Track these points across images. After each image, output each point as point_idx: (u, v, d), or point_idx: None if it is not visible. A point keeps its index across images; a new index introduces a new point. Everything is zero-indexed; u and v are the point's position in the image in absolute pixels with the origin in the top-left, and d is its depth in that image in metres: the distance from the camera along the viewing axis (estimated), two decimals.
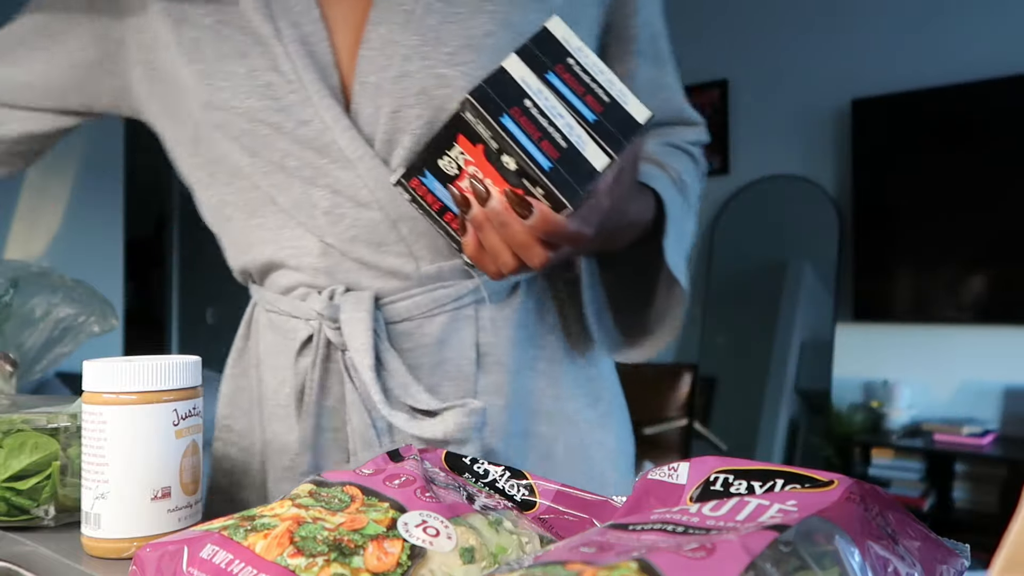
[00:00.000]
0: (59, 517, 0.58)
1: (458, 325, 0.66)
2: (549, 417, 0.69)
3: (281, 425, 0.69)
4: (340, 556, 0.34)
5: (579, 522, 0.44)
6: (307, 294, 0.67)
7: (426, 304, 0.65)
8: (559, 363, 0.70)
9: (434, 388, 0.65)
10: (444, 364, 0.65)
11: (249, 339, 0.75)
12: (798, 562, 0.26)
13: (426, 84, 0.60)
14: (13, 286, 0.76)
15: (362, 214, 0.63)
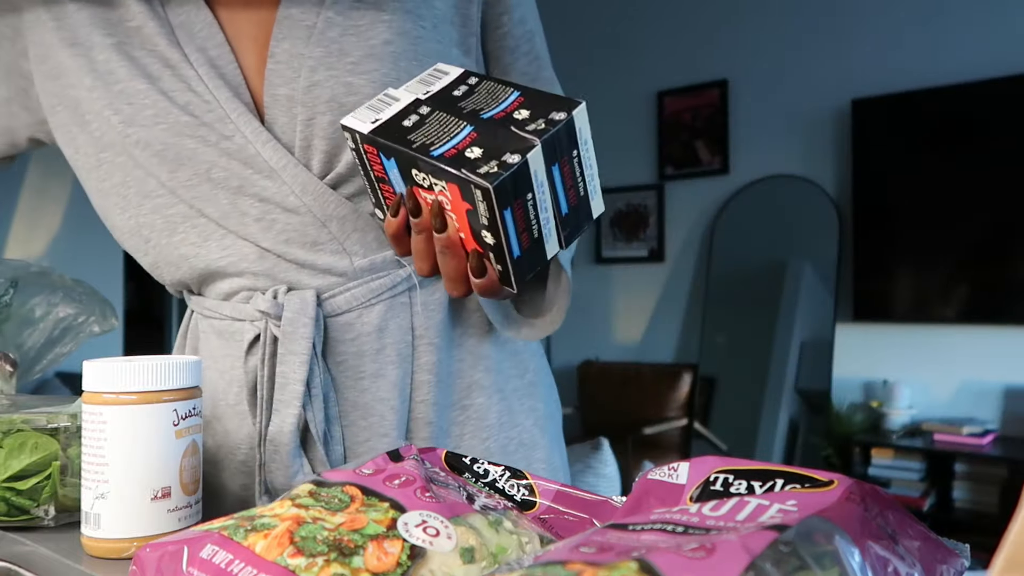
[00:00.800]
0: (59, 517, 0.58)
1: (395, 312, 0.70)
2: (481, 388, 0.74)
3: (232, 423, 0.71)
4: (340, 556, 0.34)
5: (579, 522, 0.44)
6: (250, 296, 0.69)
7: (363, 295, 0.69)
8: (484, 338, 0.75)
9: (380, 372, 0.69)
10: (385, 349, 0.69)
11: (186, 349, 0.78)
12: (798, 562, 0.26)
13: (335, 92, 0.64)
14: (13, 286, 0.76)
15: (292, 219, 0.66)
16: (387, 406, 0.69)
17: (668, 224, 3.94)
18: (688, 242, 3.88)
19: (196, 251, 0.68)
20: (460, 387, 0.74)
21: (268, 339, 0.68)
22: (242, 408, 0.70)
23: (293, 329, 0.66)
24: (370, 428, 0.69)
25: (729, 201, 3.70)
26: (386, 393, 0.69)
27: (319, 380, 0.67)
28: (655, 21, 3.95)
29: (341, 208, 0.67)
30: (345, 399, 0.69)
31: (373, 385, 0.69)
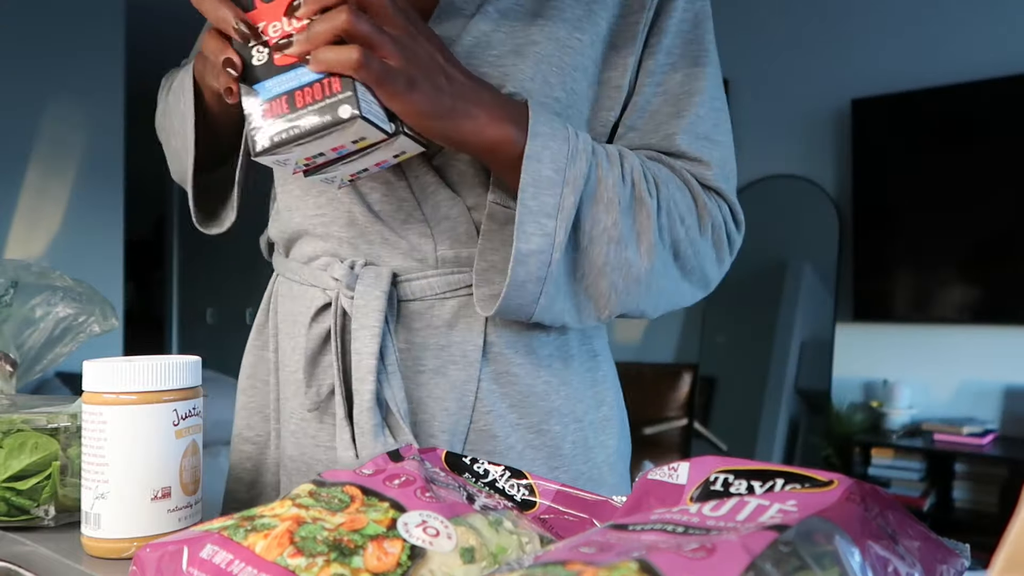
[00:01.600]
0: (59, 517, 0.58)
1: (469, 311, 0.68)
2: (559, 415, 0.71)
3: (288, 390, 0.72)
4: (340, 556, 0.34)
5: (579, 522, 0.44)
6: (329, 263, 0.69)
7: (440, 286, 0.67)
8: (568, 362, 0.72)
9: (440, 369, 0.67)
10: (450, 347, 0.68)
11: (269, 311, 0.78)
12: (798, 562, 0.26)
13: None
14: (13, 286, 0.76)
15: (391, 190, 0.67)
16: (440, 406, 0.67)
17: None
18: None
19: (296, 203, 0.70)
20: (539, 410, 0.70)
21: (338, 310, 0.67)
22: (298, 377, 0.69)
23: (365, 302, 0.65)
24: (419, 425, 0.67)
25: None
26: (442, 392, 0.67)
27: (395, 357, 0.65)
28: None
29: (439, 193, 0.67)
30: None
31: (430, 382, 0.67)
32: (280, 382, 0.73)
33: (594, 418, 0.73)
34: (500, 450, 0.68)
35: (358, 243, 0.68)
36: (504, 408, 0.68)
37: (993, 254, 3.02)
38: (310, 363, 0.68)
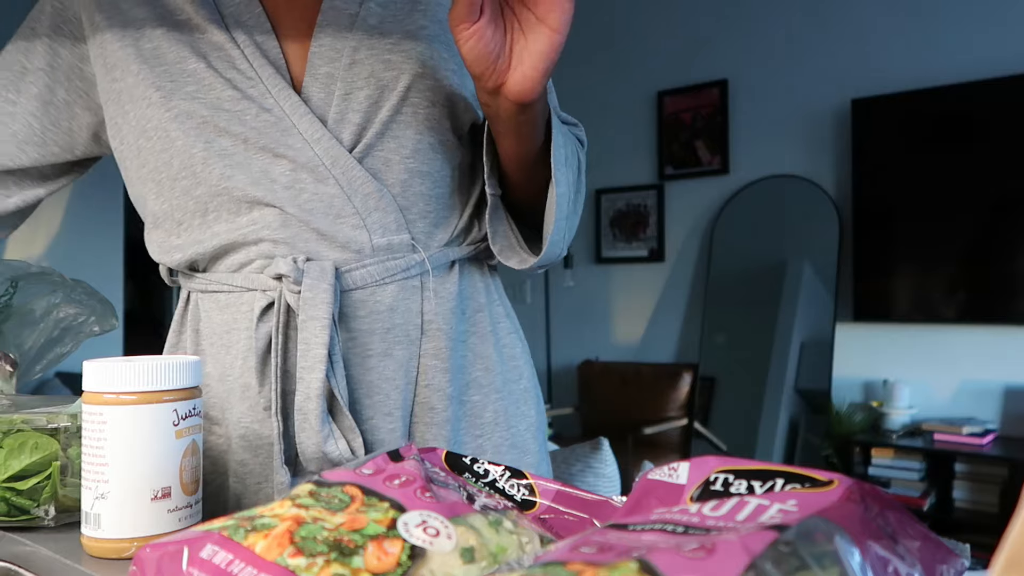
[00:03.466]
0: (59, 517, 0.58)
1: (406, 294, 0.73)
2: (479, 386, 0.77)
3: (234, 397, 0.72)
4: (340, 556, 0.34)
5: (579, 522, 0.44)
6: (265, 265, 0.71)
7: (379, 273, 0.71)
8: (486, 339, 0.79)
9: (387, 351, 0.72)
10: (394, 329, 0.72)
11: (184, 332, 0.79)
12: (798, 562, 0.26)
13: (375, 68, 0.70)
14: (13, 286, 0.76)
15: (319, 188, 0.70)
16: (392, 385, 0.71)
17: (668, 224, 3.94)
18: (688, 242, 3.88)
19: (227, 226, 0.71)
20: (461, 382, 0.76)
21: (282, 307, 0.69)
22: (246, 380, 0.71)
23: (313, 295, 0.67)
24: (374, 407, 0.71)
25: (729, 201, 3.70)
26: (392, 373, 0.71)
27: (339, 348, 0.68)
28: (655, 21, 3.95)
29: (367, 185, 0.70)
30: (351, 376, 0.70)
31: (380, 364, 0.71)
32: (220, 393, 0.73)
33: (513, 389, 0.80)
34: (438, 421, 0.73)
35: (294, 242, 0.70)
36: (443, 381, 0.74)
37: (993, 254, 3.02)
38: (261, 362, 0.70)
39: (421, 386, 0.73)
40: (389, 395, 0.71)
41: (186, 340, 0.78)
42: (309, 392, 0.66)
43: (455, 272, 0.77)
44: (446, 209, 0.76)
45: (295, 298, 0.68)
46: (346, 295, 0.71)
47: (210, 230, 0.72)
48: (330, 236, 0.70)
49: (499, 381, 0.78)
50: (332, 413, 0.68)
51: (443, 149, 0.75)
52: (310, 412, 0.66)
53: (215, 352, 0.74)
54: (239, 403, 0.71)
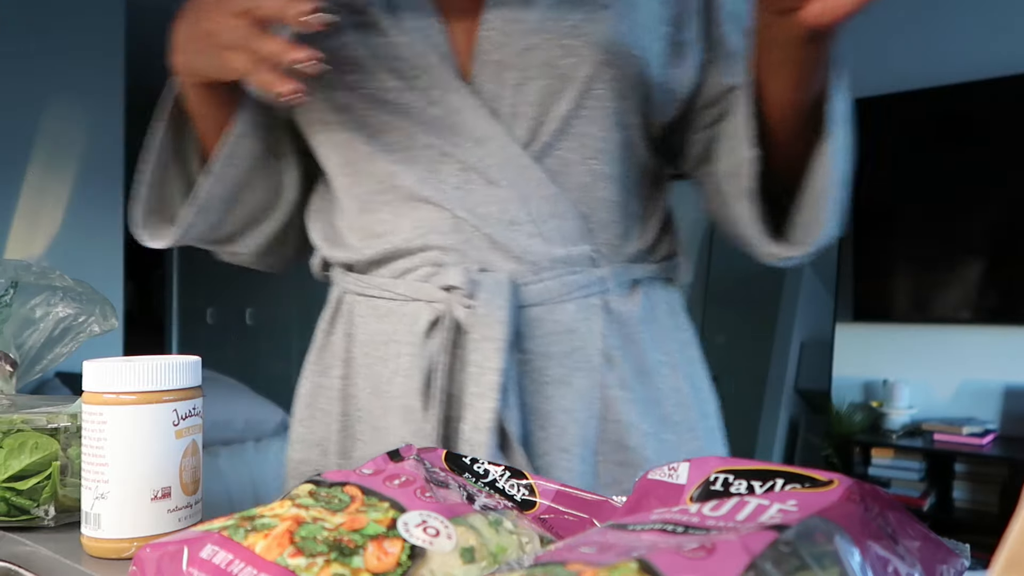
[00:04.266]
0: (59, 517, 0.58)
1: (587, 314, 0.64)
2: (674, 425, 0.67)
3: (393, 419, 0.64)
4: (340, 556, 0.34)
5: (579, 522, 0.44)
6: (432, 274, 0.64)
7: (557, 289, 0.63)
8: (676, 369, 0.69)
9: (565, 378, 0.63)
10: (574, 354, 0.63)
11: (334, 334, 0.72)
12: (798, 562, 0.26)
13: (551, 55, 0.61)
14: (13, 286, 0.76)
15: (492, 191, 0.62)
16: (570, 418, 0.62)
17: None
18: (688, 242, 3.88)
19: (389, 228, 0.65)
20: (654, 417, 0.66)
21: (449, 324, 0.61)
22: (408, 402, 0.63)
23: (488, 312, 0.59)
24: (548, 440, 0.62)
25: None
26: (570, 403, 0.63)
27: (514, 374, 0.61)
28: None
29: (543, 188, 0.62)
30: (522, 404, 0.62)
31: (557, 392, 0.63)
32: (371, 408, 0.66)
33: (704, 428, 0.69)
34: (635, 461, 0.63)
35: (465, 250, 0.62)
36: (634, 416, 0.64)
37: (993, 254, 3.02)
38: (426, 383, 0.62)
39: (608, 420, 0.64)
40: (566, 428, 0.62)
41: (336, 343, 0.71)
42: (478, 423, 0.58)
43: (639, 293, 0.67)
44: (632, 219, 0.68)
45: (466, 314, 0.61)
46: (520, 312, 0.62)
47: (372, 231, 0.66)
48: (503, 245, 0.62)
49: (693, 417, 0.68)
50: (502, 447, 0.60)
51: (631, 150, 0.66)
52: (479, 445, 0.58)
53: (369, 363, 0.67)
54: (401, 426, 0.64)
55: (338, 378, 0.70)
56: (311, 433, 0.71)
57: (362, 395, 0.67)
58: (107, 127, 3.63)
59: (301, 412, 0.73)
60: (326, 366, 0.72)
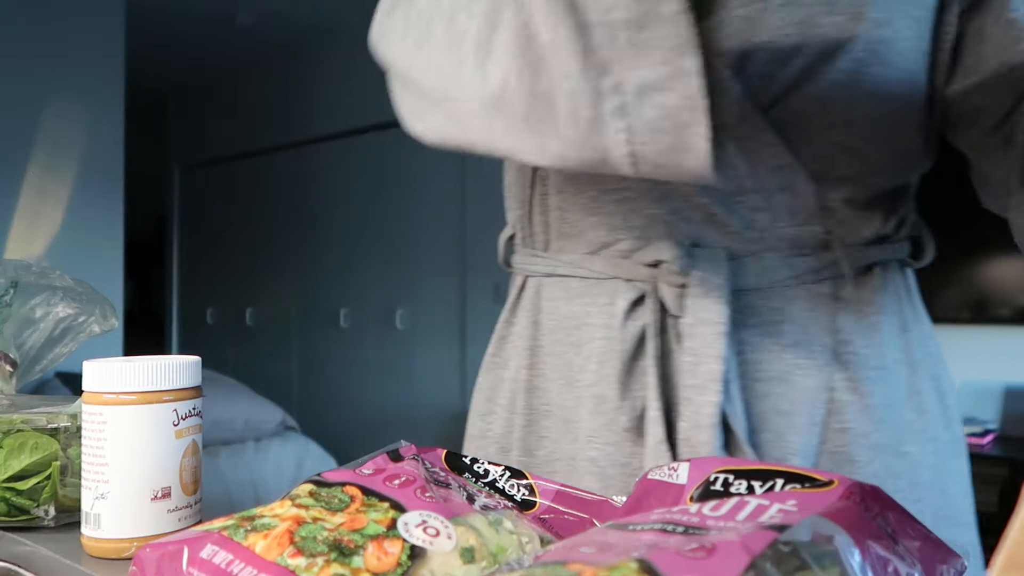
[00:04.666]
0: (59, 517, 0.58)
1: (813, 303, 0.56)
2: (915, 434, 0.58)
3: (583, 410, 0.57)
4: (340, 556, 0.34)
5: (579, 522, 0.44)
6: (635, 248, 0.56)
7: (781, 274, 0.55)
8: (916, 368, 0.60)
9: (785, 376, 0.55)
10: (797, 348, 0.55)
11: (516, 323, 0.65)
12: (798, 562, 0.26)
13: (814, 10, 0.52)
14: (13, 286, 0.76)
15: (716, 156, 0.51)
16: (787, 422, 0.54)
17: None
18: None
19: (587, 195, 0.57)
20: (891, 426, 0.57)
21: (654, 304, 0.54)
22: (600, 391, 0.57)
23: (706, 292, 0.52)
24: (761, 446, 0.54)
25: None
26: (788, 405, 0.54)
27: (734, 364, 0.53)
28: None
29: (778, 156, 0.53)
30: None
31: (773, 391, 0.55)
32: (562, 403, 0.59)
33: (947, 438, 0.60)
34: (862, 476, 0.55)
35: (674, 221, 0.54)
36: (865, 425, 0.55)
37: (993, 253, 3.02)
38: (626, 370, 0.55)
39: (832, 429, 0.55)
40: (783, 435, 0.54)
41: (517, 333, 0.65)
42: (699, 419, 0.51)
43: (874, 279, 0.58)
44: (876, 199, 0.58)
45: (674, 293, 0.54)
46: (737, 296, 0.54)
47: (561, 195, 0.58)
48: (721, 217, 0.54)
49: (936, 426, 0.60)
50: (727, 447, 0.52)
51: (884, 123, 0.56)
52: (700, 444, 0.51)
53: (559, 351, 0.60)
54: (590, 418, 0.57)
55: (523, 368, 0.63)
56: (490, 430, 0.66)
57: (551, 387, 0.61)
58: (107, 127, 3.63)
59: (481, 407, 0.68)
60: (507, 358, 0.66)
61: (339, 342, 4.45)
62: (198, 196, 5.37)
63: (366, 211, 4.36)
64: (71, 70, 3.50)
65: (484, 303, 3.80)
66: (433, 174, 4.06)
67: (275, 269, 4.76)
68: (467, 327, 3.88)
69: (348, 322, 4.41)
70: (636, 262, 0.56)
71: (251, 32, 4.34)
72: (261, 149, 4.93)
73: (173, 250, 5.50)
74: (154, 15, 3.99)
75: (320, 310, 4.51)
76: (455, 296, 3.95)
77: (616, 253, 0.57)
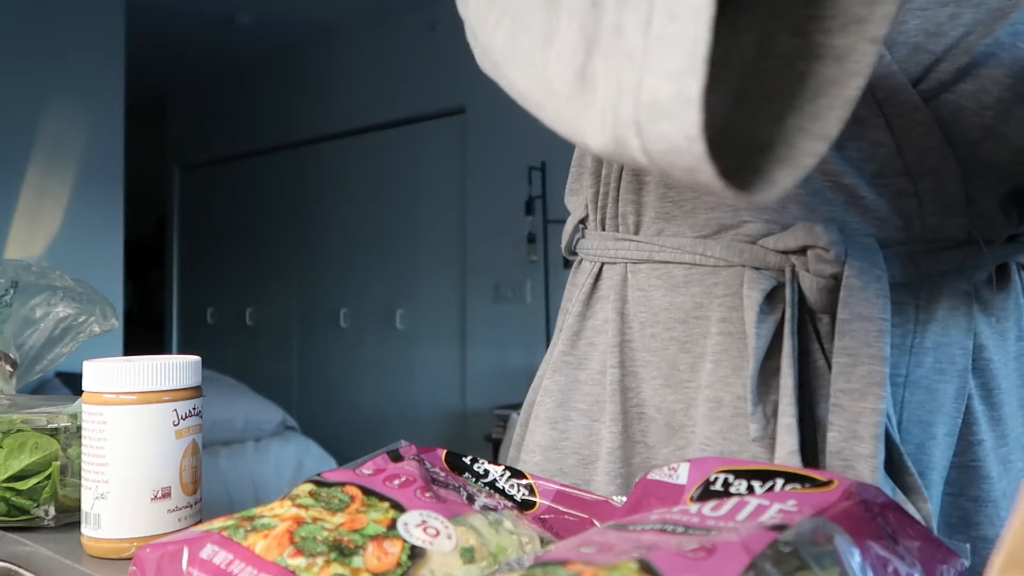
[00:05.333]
0: (59, 517, 0.58)
1: (956, 302, 0.51)
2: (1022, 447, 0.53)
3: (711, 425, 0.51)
4: (340, 556, 0.34)
5: (579, 522, 0.44)
6: (764, 231, 0.50)
7: (927, 267, 0.49)
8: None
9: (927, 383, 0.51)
10: (938, 351, 0.50)
11: (593, 316, 0.59)
12: (798, 562, 0.26)
13: None
14: (13, 286, 0.76)
15: (859, 131, 0.48)
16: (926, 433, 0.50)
17: None
18: None
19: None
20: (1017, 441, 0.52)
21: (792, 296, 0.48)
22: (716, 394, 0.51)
23: (863, 284, 0.46)
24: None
25: None
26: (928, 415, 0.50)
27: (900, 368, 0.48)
28: None
29: (929, 136, 0.48)
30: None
31: (914, 399, 0.50)
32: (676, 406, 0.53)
33: None
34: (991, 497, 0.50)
35: (814, 204, 0.48)
36: (995, 438, 0.51)
37: None
38: (760, 371, 0.49)
39: (966, 441, 0.50)
40: (922, 447, 0.49)
41: (595, 328, 0.58)
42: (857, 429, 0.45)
43: (1010, 278, 0.54)
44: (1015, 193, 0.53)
45: (820, 284, 0.47)
46: None
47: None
48: (866, 201, 0.48)
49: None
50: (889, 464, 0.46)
51: None
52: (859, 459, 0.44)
53: (658, 347, 0.54)
54: (707, 424, 0.51)
55: (612, 368, 0.56)
56: (566, 439, 0.59)
57: (645, 387, 0.54)
58: (107, 127, 3.63)
59: (550, 413, 0.60)
60: (583, 356, 0.59)
61: (339, 342, 4.45)
62: (198, 196, 5.38)
63: (366, 211, 4.36)
64: (71, 70, 3.50)
65: (484, 303, 3.80)
66: (433, 174, 4.06)
67: (275, 269, 4.76)
68: (467, 327, 3.88)
69: (348, 322, 4.41)
70: (768, 248, 0.49)
71: (251, 32, 4.34)
72: (261, 149, 4.93)
73: (173, 250, 5.50)
74: (154, 15, 3.99)
75: (320, 310, 4.52)
76: (455, 296, 3.95)
77: (740, 237, 0.51)
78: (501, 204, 3.64)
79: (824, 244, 0.46)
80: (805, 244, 0.47)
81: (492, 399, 3.60)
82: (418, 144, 4.14)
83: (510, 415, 3.13)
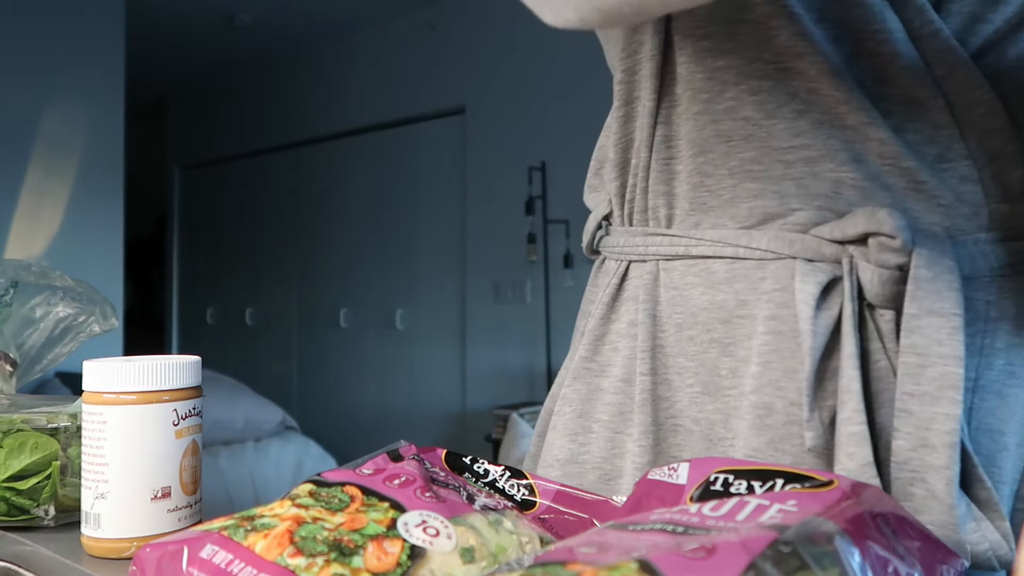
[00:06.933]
0: (59, 517, 0.58)
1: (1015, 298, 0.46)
2: None
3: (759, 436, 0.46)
4: (340, 556, 0.34)
5: (579, 522, 0.44)
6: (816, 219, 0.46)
7: (995, 259, 0.45)
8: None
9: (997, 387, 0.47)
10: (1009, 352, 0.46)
11: (617, 319, 0.54)
12: (798, 562, 0.26)
13: None
14: (13, 286, 0.76)
15: (915, 110, 0.44)
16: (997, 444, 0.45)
17: None
18: None
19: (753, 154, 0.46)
20: None
21: (852, 290, 0.43)
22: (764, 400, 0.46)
23: (934, 276, 0.41)
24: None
25: None
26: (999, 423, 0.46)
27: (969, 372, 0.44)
28: None
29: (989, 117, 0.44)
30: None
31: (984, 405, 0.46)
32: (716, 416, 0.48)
33: None
34: None
35: (869, 189, 0.44)
36: None
37: None
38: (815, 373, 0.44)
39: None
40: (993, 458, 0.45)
41: (621, 332, 0.54)
42: (928, 437, 0.40)
43: None
44: None
45: (884, 277, 0.42)
46: None
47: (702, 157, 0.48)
48: (930, 187, 0.44)
49: None
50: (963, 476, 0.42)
51: None
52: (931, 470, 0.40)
53: (696, 351, 0.49)
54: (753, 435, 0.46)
55: (642, 376, 0.52)
56: (586, 452, 0.54)
57: (682, 396, 0.50)
58: (107, 127, 3.63)
59: (570, 424, 0.55)
60: (606, 362, 0.55)
61: (339, 342, 4.45)
62: (198, 196, 5.38)
63: (366, 211, 4.36)
64: (71, 70, 3.50)
65: (484, 303, 3.80)
66: (433, 174, 4.06)
67: (275, 269, 4.76)
68: (467, 327, 3.88)
69: (348, 322, 4.41)
70: (822, 237, 0.45)
71: (251, 32, 4.34)
72: (261, 149, 4.93)
73: (173, 250, 5.50)
74: (154, 15, 3.99)
75: (320, 310, 4.52)
76: (455, 296, 3.95)
77: (789, 227, 0.46)
78: (501, 204, 3.64)
79: (889, 231, 0.42)
80: (867, 231, 0.43)
81: (492, 399, 3.60)
82: (418, 144, 4.14)
83: (510, 415, 3.13)
